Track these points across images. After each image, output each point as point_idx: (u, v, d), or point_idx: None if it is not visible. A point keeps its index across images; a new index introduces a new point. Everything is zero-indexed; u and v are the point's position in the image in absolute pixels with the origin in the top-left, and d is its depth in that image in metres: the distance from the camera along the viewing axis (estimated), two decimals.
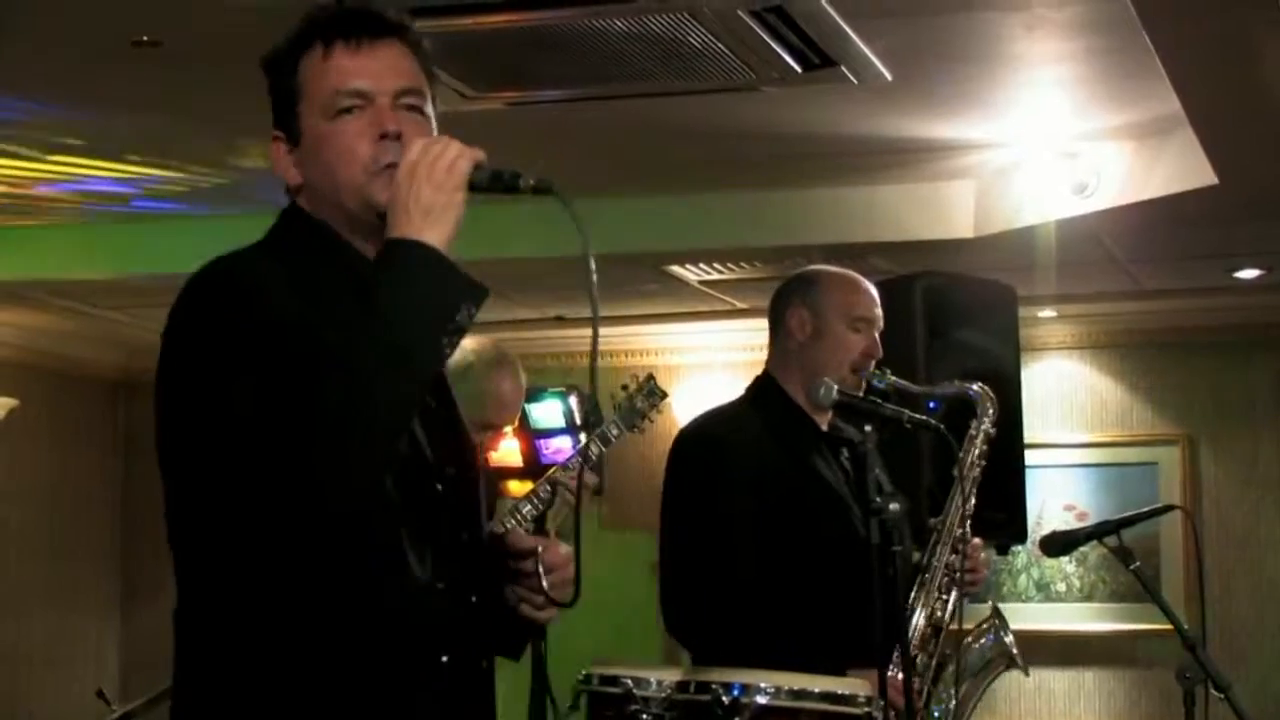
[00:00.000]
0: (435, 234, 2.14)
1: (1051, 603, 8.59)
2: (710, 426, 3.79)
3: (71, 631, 9.12)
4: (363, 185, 2.27)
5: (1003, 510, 5.10)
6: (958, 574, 3.70)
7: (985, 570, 3.90)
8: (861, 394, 3.69)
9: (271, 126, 2.38)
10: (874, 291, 3.81)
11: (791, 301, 3.78)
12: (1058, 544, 4.36)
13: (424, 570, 2.24)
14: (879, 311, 3.78)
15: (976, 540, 3.79)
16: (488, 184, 2.22)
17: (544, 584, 2.39)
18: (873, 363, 3.73)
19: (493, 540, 2.44)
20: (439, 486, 2.30)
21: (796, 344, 3.74)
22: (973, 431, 3.95)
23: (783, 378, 3.76)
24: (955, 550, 3.75)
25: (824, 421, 3.76)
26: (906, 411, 3.61)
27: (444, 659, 2.26)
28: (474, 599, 2.32)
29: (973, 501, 3.84)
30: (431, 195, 2.15)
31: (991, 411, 3.97)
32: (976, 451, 3.94)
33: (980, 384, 4.00)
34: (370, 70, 2.31)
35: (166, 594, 2.32)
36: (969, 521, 3.78)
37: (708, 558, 3.59)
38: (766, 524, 3.57)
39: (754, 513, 3.57)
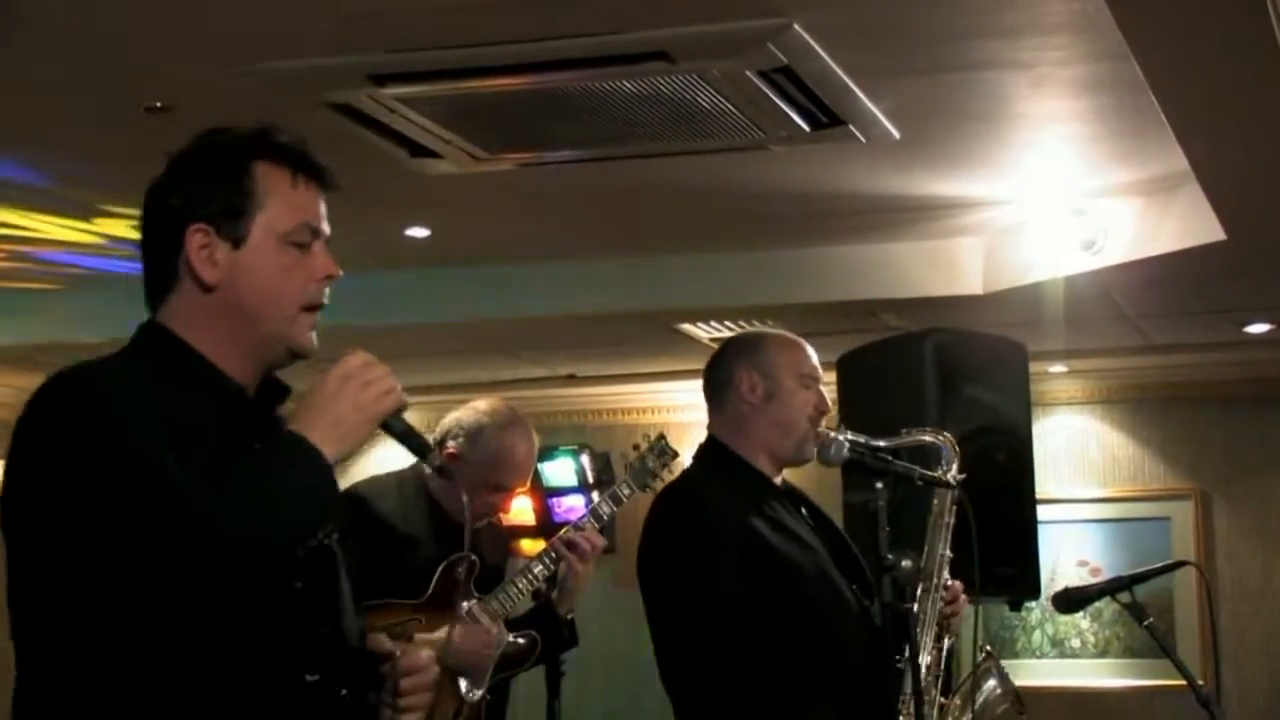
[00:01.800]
0: (332, 448, 2.17)
1: (1066, 659, 8.56)
2: (687, 498, 3.73)
3: None
4: (290, 318, 2.30)
5: (1016, 566, 5.10)
6: (944, 620, 3.72)
7: (964, 605, 3.87)
8: (873, 450, 3.70)
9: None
10: (811, 348, 3.83)
11: (737, 366, 3.77)
12: (1070, 600, 4.36)
13: (294, 663, 2.23)
14: (820, 366, 3.81)
15: (956, 583, 3.79)
16: (399, 433, 2.29)
17: (398, 688, 2.40)
18: (824, 417, 3.75)
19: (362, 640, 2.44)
20: (298, 584, 2.26)
21: (749, 407, 3.73)
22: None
23: (734, 442, 3.74)
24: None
25: (777, 478, 3.77)
26: (918, 469, 3.62)
27: None
28: (344, 693, 2.31)
29: (948, 549, 3.83)
30: (348, 413, 2.19)
31: (955, 459, 3.95)
32: (947, 499, 3.92)
33: (939, 431, 3.97)
34: (322, 214, 2.36)
35: None
36: (947, 568, 3.78)
37: (714, 645, 3.53)
38: (760, 593, 3.53)
39: (748, 584, 3.53)
